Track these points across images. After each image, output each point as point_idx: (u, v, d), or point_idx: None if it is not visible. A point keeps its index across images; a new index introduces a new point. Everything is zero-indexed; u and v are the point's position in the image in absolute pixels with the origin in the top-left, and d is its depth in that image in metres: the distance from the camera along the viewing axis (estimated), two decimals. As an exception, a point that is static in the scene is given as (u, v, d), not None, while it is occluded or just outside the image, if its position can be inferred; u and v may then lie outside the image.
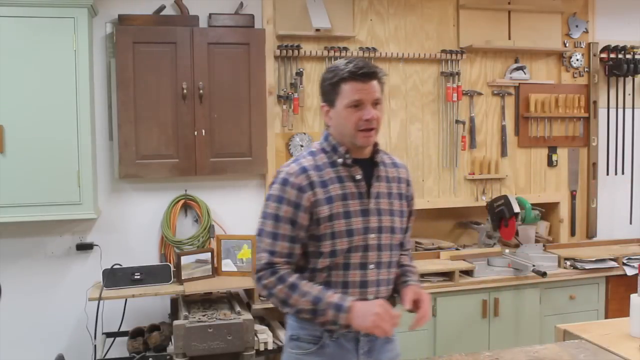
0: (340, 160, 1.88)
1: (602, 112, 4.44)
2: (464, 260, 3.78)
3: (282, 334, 3.14)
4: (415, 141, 4.10)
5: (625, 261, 3.96)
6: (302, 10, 3.81)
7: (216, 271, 3.56)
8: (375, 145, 1.95)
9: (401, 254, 2.07)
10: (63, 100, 3.24)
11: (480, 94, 4.19)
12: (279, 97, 3.80)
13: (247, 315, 3.20)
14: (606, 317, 3.88)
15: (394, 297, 1.99)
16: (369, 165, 1.93)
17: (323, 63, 3.84)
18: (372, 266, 1.89)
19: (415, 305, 1.93)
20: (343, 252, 1.85)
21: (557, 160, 4.37)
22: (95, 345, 3.32)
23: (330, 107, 1.89)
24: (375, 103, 1.85)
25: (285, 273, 1.83)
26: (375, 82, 1.85)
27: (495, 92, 4.23)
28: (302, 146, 3.79)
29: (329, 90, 1.87)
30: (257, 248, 1.90)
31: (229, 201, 3.78)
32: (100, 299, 3.23)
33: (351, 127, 1.84)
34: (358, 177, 1.89)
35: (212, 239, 3.65)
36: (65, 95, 3.25)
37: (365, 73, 1.82)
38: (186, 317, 3.14)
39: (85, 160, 3.29)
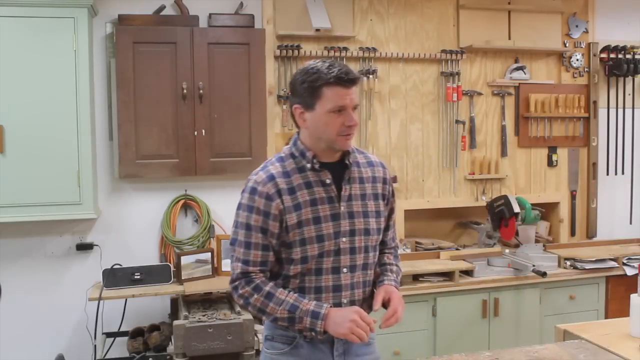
0: (308, 165, 1.86)
1: (602, 112, 4.44)
2: (464, 260, 3.78)
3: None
4: (415, 141, 4.10)
5: (625, 261, 3.96)
6: (302, 10, 3.81)
7: (216, 271, 3.56)
8: None
9: (385, 252, 2.06)
10: (63, 100, 3.24)
11: (480, 94, 4.19)
12: (279, 97, 3.80)
13: (247, 315, 3.20)
14: (606, 317, 3.88)
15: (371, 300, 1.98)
16: (341, 167, 1.90)
17: (323, 63, 3.84)
18: (345, 270, 1.88)
19: (385, 306, 1.91)
20: (314, 257, 1.84)
21: (557, 160, 4.37)
22: (95, 345, 3.32)
23: (307, 110, 1.84)
24: (354, 107, 1.84)
25: (260, 282, 1.84)
26: (355, 88, 1.83)
27: (495, 92, 4.23)
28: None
29: (308, 93, 1.81)
30: (231, 257, 1.91)
31: (229, 201, 3.74)
32: (100, 299, 3.23)
33: (333, 132, 1.81)
34: (327, 181, 1.87)
35: (212, 239, 3.65)
36: (65, 95, 3.25)
37: (350, 79, 1.80)
38: (186, 317, 3.14)
39: (85, 160, 3.29)
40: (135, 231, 3.67)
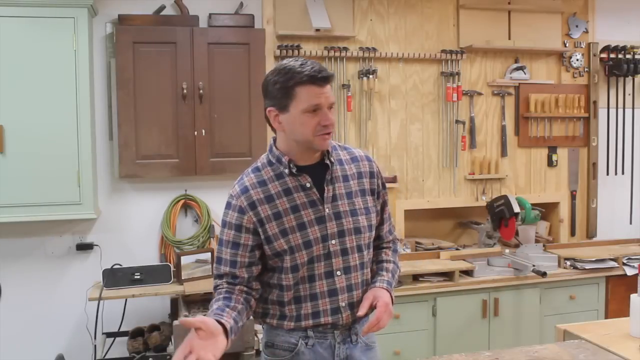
0: (286, 171, 1.81)
1: (602, 112, 4.44)
2: (464, 260, 3.78)
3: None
4: (415, 141, 4.10)
5: (625, 261, 3.96)
6: (302, 10, 3.81)
7: (216, 271, 3.55)
8: None
9: (382, 248, 2.01)
10: (63, 100, 3.24)
11: (480, 94, 4.19)
12: (279, 97, 3.80)
13: (247, 315, 3.20)
14: (606, 317, 3.87)
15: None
16: (321, 168, 1.84)
17: (323, 63, 3.84)
18: (339, 273, 1.83)
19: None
20: (304, 264, 1.80)
21: (557, 160, 4.37)
22: (95, 345, 3.32)
23: (281, 112, 1.78)
24: (330, 106, 1.77)
25: (217, 297, 1.82)
26: (329, 86, 1.77)
27: (495, 92, 4.23)
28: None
29: (281, 94, 1.75)
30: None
31: (229, 201, 3.78)
32: (100, 299, 3.22)
33: (309, 133, 1.75)
34: (308, 185, 1.81)
35: (212, 239, 3.65)
36: (65, 95, 3.25)
37: (324, 77, 1.74)
38: (186, 317, 3.14)
39: (85, 160, 3.29)
40: (135, 231, 3.67)
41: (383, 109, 4.03)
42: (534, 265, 3.71)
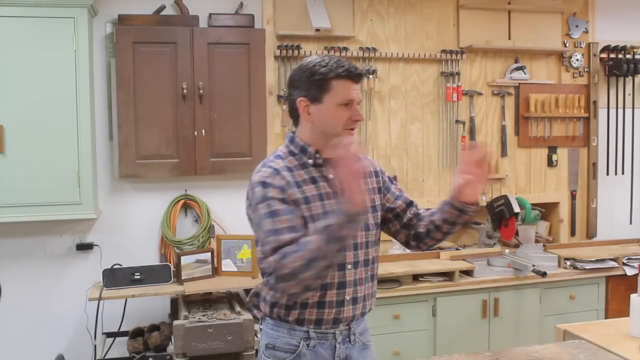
0: (310, 161, 1.85)
1: (602, 112, 4.44)
2: (464, 260, 3.78)
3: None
4: (415, 141, 4.10)
5: (625, 261, 3.96)
6: (302, 10, 3.81)
7: (216, 271, 3.55)
8: None
9: (416, 212, 2.02)
10: (63, 100, 3.24)
11: (480, 94, 4.19)
12: (279, 97, 3.80)
13: (247, 315, 3.20)
14: (606, 317, 3.87)
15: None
16: None
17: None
18: (349, 266, 1.86)
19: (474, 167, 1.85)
20: None
21: (557, 160, 4.37)
22: (95, 345, 3.32)
23: (312, 103, 1.83)
24: (359, 102, 1.88)
25: (291, 246, 1.68)
26: (360, 84, 1.89)
27: (495, 92, 4.23)
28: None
29: (317, 85, 1.81)
30: (261, 258, 1.79)
31: (229, 201, 3.77)
32: (100, 299, 3.22)
33: (339, 125, 1.82)
34: (331, 176, 1.85)
35: (212, 239, 3.65)
36: (65, 95, 3.25)
37: (359, 74, 1.85)
38: (186, 317, 3.14)
39: (85, 160, 3.29)
40: (135, 231, 3.67)
41: (383, 109, 4.03)
42: (534, 265, 3.71)
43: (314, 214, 1.79)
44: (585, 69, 4.39)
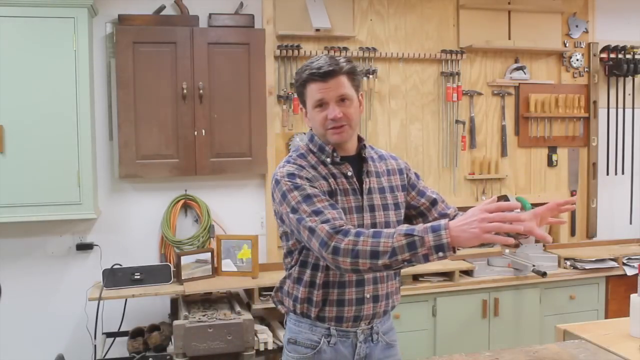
0: (328, 160, 1.86)
1: (602, 112, 4.44)
2: (464, 260, 3.78)
3: (282, 334, 3.13)
4: (415, 141, 4.10)
5: (625, 261, 3.96)
6: (302, 10, 3.81)
7: (216, 271, 3.55)
8: (361, 140, 1.93)
9: (443, 212, 2.00)
10: (63, 100, 3.24)
11: (480, 94, 4.19)
12: (279, 97, 3.80)
13: (247, 315, 3.20)
14: (606, 317, 3.88)
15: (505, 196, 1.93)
16: (357, 161, 1.90)
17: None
18: None
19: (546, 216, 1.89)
20: None
21: (557, 160, 4.37)
22: (95, 345, 3.32)
23: (305, 109, 1.90)
24: (342, 99, 1.80)
25: (355, 229, 1.65)
26: (340, 78, 1.79)
27: (495, 92, 4.23)
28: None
29: (299, 92, 1.88)
30: (307, 236, 1.70)
31: (229, 201, 3.78)
32: (100, 299, 3.23)
33: (320, 127, 1.83)
34: (349, 173, 1.87)
35: (212, 239, 3.65)
36: (65, 95, 3.25)
37: (325, 72, 1.77)
38: (186, 317, 3.15)
39: (85, 160, 3.29)
40: (135, 231, 3.67)
41: (383, 109, 4.03)
42: (534, 265, 3.71)
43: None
44: (585, 69, 4.39)
